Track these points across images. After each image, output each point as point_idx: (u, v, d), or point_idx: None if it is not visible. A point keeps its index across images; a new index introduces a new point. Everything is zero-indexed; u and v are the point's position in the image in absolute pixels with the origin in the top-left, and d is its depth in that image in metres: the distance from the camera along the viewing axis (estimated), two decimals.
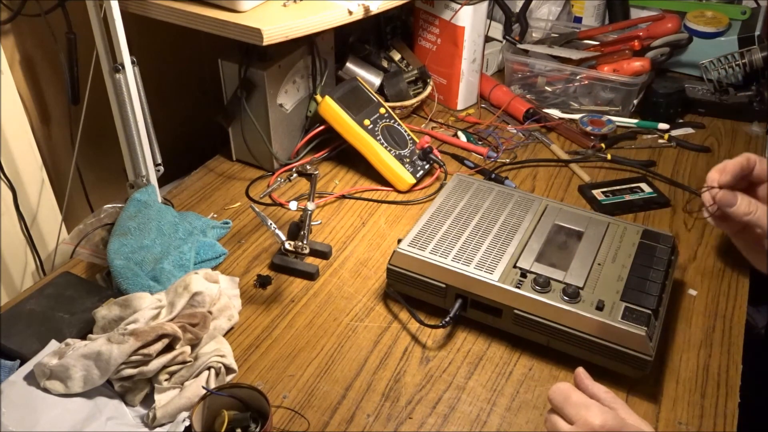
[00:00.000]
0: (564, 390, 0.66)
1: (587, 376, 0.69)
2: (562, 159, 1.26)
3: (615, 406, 0.65)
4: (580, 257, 0.90)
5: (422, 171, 1.20)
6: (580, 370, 0.70)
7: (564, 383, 0.67)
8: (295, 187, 1.19)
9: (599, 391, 0.67)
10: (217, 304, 0.89)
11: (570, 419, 0.64)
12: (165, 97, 1.25)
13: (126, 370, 0.78)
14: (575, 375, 0.69)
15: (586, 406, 0.63)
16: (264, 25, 0.97)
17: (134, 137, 1.01)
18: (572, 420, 0.64)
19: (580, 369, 0.70)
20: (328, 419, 0.80)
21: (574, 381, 0.69)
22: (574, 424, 0.63)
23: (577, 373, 0.69)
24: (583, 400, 0.64)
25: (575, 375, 0.69)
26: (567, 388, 0.66)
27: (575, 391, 0.65)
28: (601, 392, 0.67)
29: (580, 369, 0.70)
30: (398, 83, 1.34)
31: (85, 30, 0.97)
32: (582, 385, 0.68)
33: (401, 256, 0.92)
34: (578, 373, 0.69)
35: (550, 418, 0.66)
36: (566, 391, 0.65)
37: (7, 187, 1.06)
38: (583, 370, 0.69)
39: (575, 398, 0.64)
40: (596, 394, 0.66)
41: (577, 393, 0.65)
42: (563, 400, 0.65)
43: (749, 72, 1.37)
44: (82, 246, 1.04)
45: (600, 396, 0.66)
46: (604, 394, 0.66)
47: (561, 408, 0.65)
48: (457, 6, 1.31)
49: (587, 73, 1.37)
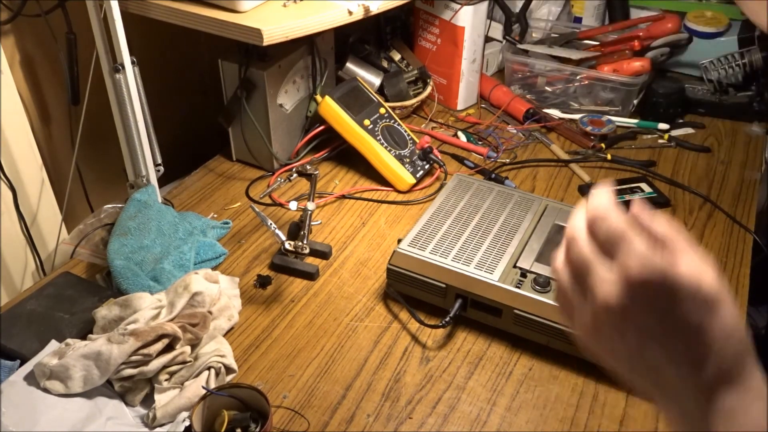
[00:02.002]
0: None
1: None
2: (562, 159, 1.26)
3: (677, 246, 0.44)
4: None
5: (422, 171, 1.20)
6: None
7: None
8: (295, 187, 1.19)
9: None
10: (217, 304, 0.89)
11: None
12: (165, 97, 1.25)
13: (126, 370, 0.78)
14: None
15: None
16: (264, 25, 0.97)
17: (134, 137, 1.01)
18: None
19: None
20: (328, 419, 0.80)
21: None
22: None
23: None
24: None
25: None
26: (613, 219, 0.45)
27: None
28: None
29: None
30: (398, 83, 1.34)
31: (85, 30, 0.97)
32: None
33: (401, 256, 0.92)
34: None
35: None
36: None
37: (7, 187, 1.06)
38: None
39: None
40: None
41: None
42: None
43: (749, 72, 1.37)
44: (82, 246, 1.03)
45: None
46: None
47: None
48: (457, 6, 1.31)
49: (587, 73, 1.37)
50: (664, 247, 0.44)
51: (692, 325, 0.43)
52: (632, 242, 0.44)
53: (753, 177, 1.22)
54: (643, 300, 0.43)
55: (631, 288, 0.43)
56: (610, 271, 0.44)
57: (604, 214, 0.45)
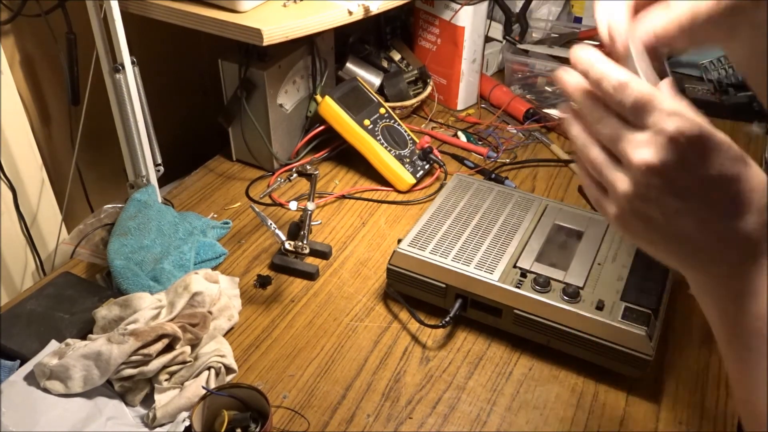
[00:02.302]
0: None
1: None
2: (562, 159, 1.26)
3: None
4: (580, 257, 0.90)
5: (422, 171, 1.20)
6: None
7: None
8: (295, 187, 1.19)
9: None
10: (217, 304, 0.89)
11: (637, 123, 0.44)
12: (165, 97, 1.25)
13: (126, 370, 0.78)
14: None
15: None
16: (264, 25, 0.97)
17: (134, 137, 1.01)
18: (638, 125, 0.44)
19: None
20: (328, 419, 0.80)
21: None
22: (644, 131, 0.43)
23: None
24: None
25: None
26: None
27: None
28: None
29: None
30: (398, 83, 1.34)
31: (85, 30, 0.97)
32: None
33: (401, 256, 0.92)
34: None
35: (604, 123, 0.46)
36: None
37: (7, 187, 1.06)
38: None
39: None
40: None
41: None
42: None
43: None
44: (82, 246, 1.03)
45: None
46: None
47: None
48: (457, 6, 1.31)
49: None
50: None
51: (732, 174, 0.43)
52: (663, 101, 0.43)
53: None
54: (683, 156, 0.42)
55: (670, 145, 0.42)
56: (643, 133, 0.43)
57: (626, 80, 0.45)
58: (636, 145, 0.43)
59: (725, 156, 0.43)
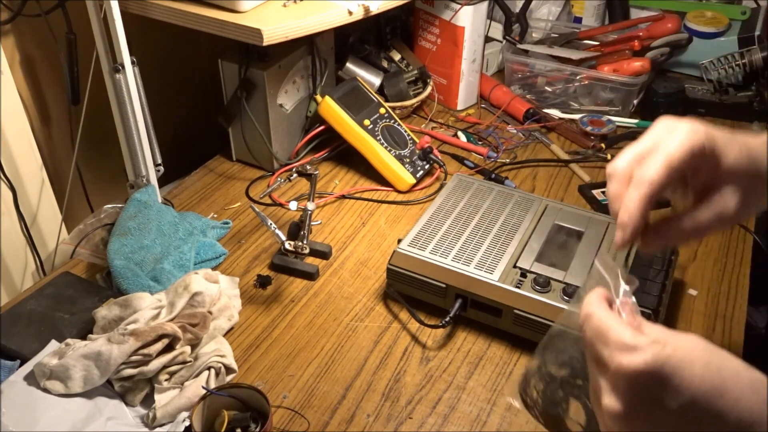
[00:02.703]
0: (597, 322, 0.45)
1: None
2: (562, 159, 1.26)
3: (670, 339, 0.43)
4: (580, 257, 0.90)
5: (422, 171, 1.20)
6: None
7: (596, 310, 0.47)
8: (295, 187, 1.19)
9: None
10: (217, 304, 0.89)
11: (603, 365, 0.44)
12: (165, 97, 1.26)
13: (126, 370, 0.78)
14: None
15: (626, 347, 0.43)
16: (264, 25, 0.97)
17: (134, 137, 1.01)
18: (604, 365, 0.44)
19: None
20: (328, 419, 0.80)
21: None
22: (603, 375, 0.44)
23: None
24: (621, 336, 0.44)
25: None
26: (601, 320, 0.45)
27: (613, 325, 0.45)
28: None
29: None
30: (398, 83, 1.34)
31: (85, 30, 0.97)
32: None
33: (401, 256, 0.92)
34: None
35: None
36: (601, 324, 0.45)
37: (7, 187, 1.06)
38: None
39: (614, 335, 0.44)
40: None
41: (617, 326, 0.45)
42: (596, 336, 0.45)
43: (749, 72, 1.37)
44: (82, 246, 1.03)
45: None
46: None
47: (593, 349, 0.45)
48: (457, 6, 1.31)
49: (587, 73, 1.37)
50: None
51: (704, 402, 0.42)
52: (619, 334, 0.43)
53: None
54: (644, 395, 0.42)
55: (628, 387, 0.42)
56: (606, 376, 0.44)
57: (589, 311, 0.46)
58: (603, 390, 0.44)
59: (693, 385, 0.41)
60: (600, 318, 0.46)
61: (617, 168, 0.53)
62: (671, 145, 0.50)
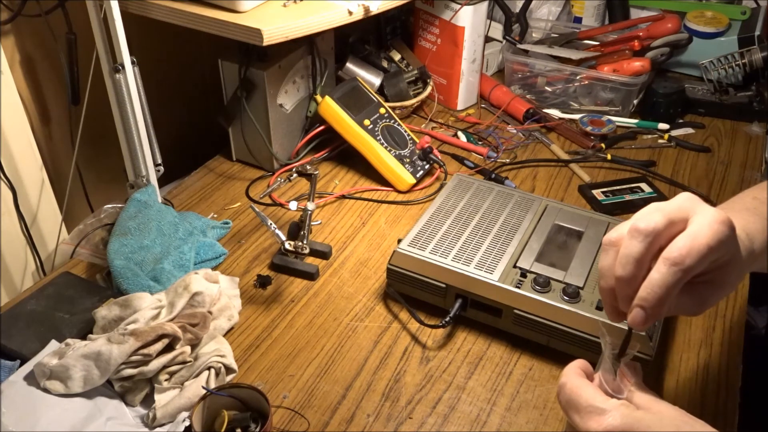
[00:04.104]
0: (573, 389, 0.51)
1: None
2: (562, 159, 1.26)
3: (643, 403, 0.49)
4: (580, 257, 0.90)
5: (422, 171, 1.20)
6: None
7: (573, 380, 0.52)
8: (295, 187, 1.19)
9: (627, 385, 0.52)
10: (217, 304, 0.89)
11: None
12: (165, 97, 1.26)
13: (126, 370, 0.78)
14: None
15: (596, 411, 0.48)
16: (264, 25, 0.97)
17: (134, 137, 1.01)
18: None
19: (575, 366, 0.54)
20: (328, 419, 0.80)
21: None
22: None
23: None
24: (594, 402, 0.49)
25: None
26: (576, 387, 0.51)
27: (586, 389, 0.50)
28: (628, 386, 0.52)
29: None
30: (398, 83, 1.34)
31: (85, 30, 0.97)
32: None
33: (401, 256, 0.92)
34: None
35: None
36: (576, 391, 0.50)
37: (7, 187, 1.06)
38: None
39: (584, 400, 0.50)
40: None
41: (588, 391, 0.50)
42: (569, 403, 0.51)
43: (749, 72, 1.37)
44: (82, 246, 1.03)
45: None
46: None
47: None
48: (457, 6, 1.31)
49: (587, 73, 1.37)
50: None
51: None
52: (590, 399, 0.48)
53: (753, 177, 1.22)
54: None
55: None
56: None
57: (563, 381, 0.51)
58: None
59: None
60: (573, 386, 0.51)
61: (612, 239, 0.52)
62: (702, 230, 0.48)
